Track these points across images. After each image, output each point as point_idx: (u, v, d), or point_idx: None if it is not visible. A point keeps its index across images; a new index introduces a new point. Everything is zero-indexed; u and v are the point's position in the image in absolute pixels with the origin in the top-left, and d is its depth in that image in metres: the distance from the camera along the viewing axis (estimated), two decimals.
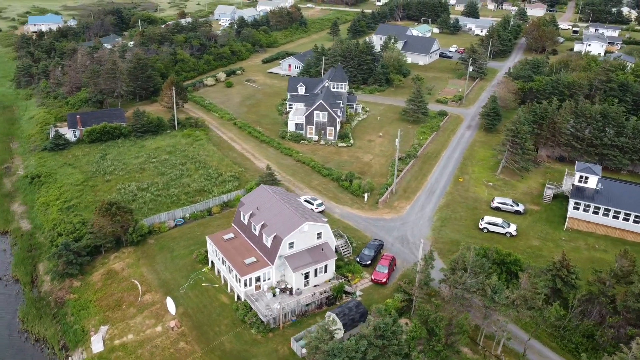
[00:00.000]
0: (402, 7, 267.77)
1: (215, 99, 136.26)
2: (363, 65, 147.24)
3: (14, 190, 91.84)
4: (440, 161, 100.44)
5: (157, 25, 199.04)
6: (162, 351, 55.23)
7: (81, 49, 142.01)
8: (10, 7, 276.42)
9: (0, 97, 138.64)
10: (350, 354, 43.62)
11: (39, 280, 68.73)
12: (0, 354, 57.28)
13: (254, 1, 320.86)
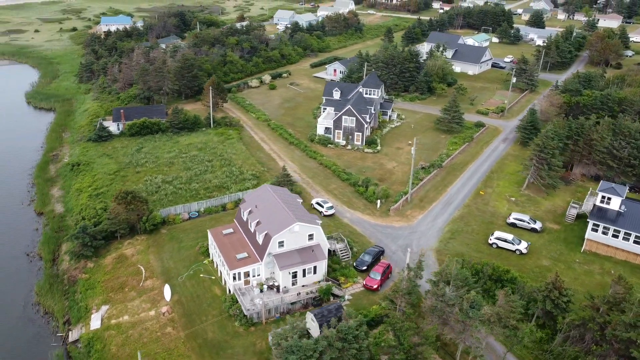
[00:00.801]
0: (462, 15, 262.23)
1: (256, 100, 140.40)
2: (405, 72, 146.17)
3: (56, 176, 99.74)
4: (465, 173, 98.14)
5: (216, 27, 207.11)
6: (150, 334, 58.40)
7: (138, 48, 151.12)
8: (90, 8, 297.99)
9: (64, 91, 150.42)
10: (308, 352, 44.37)
11: (60, 259, 74.51)
12: (12, 322, 62.83)
13: (316, 7, 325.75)
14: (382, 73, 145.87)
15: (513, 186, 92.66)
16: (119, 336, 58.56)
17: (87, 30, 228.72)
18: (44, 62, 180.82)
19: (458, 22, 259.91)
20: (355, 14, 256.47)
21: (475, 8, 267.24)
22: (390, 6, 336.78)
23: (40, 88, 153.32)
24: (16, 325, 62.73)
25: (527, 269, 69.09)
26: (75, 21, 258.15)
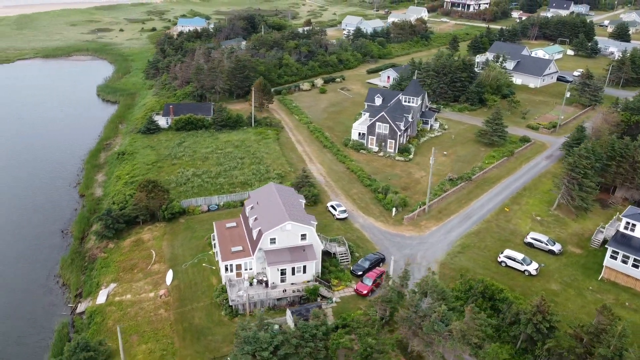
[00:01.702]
0: (538, 25, 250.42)
1: (303, 103, 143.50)
2: (456, 82, 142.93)
3: (104, 163, 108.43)
4: (495, 188, 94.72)
5: (281, 31, 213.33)
6: (145, 313, 62.55)
7: (199, 48, 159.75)
8: (173, 10, 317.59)
9: (130, 86, 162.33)
10: (263, 345, 45.87)
11: (87, 238, 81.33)
12: (34, 290, 69.77)
13: (388, 13, 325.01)
14: (431, 82, 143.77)
15: (543, 205, 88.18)
16: (117, 312, 63.26)
17: (165, 31, 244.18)
18: (120, 58, 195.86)
19: (533, 33, 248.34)
20: (424, 21, 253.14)
21: (553, 18, 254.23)
22: (465, 14, 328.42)
23: (111, 82, 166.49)
24: (36, 292, 69.57)
25: (532, 291, 65.89)
26: (157, 22, 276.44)
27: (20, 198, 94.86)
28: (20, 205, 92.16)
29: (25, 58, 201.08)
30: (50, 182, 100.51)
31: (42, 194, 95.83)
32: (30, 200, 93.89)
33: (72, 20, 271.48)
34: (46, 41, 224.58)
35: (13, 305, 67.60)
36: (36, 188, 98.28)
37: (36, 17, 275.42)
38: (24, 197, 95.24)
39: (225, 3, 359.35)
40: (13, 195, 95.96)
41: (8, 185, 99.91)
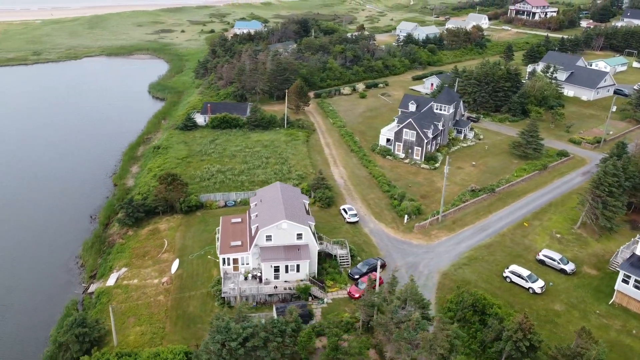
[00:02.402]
0: (604, 35, 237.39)
1: (340, 107, 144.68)
2: (499, 91, 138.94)
3: (141, 156, 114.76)
4: (519, 201, 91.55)
5: (331, 36, 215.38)
6: (146, 298, 66.10)
7: (246, 50, 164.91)
8: (234, 13, 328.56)
9: (180, 84, 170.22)
10: (232, 336, 47.53)
11: (111, 224, 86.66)
12: (54, 269, 75.46)
13: (446, 20, 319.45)
14: (472, 90, 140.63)
15: (566, 223, 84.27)
16: (122, 294, 67.25)
17: (222, 33, 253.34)
18: (175, 58, 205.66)
19: (597, 43, 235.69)
20: (480, 28, 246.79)
21: (621, 29, 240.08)
22: (530, 23, 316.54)
23: (163, 80, 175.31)
24: (56, 271, 75.20)
25: (532, 309, 63.45)
26: (217, 24, 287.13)
27: (59, 183, 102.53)
28: (58, 190, 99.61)
29: (92, 55, 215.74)
30: (90, 170, 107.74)
31: (79, 181, 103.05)
32: (67, 186, 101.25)
33: (139, 21, 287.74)
34: (112, 40, 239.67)
35: (35, 279, 73.50)
36: (75, 175, 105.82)
37: (107, 17, 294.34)
38: (63, 182, 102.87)
39: (285, 7, 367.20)
40: (53, 180, 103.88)
41: (51, 170, 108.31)
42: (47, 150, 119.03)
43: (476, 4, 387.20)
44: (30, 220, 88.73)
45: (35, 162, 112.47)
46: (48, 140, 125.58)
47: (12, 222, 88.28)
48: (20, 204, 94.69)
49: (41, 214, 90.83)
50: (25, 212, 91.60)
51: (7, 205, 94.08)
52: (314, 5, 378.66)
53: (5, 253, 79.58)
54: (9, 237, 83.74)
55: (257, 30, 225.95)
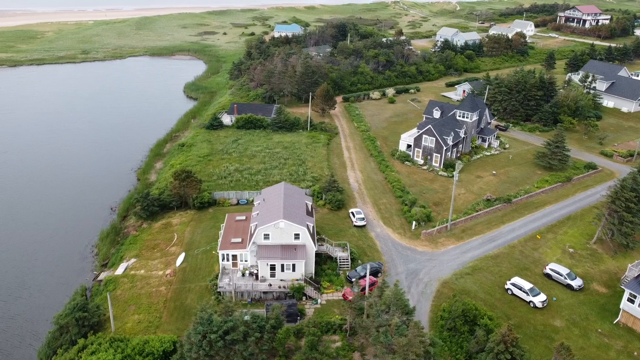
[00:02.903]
0: None
1: (367, 111, 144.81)
2: (530, 100, 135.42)
3: (166, 153, 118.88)
4: (535, 213, 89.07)
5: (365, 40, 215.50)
6: (149, 288, 68.73)
7: (278, 53, 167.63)
8: (277, 16, 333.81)
9: (214, 85, 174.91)
10: (213, 328, 49.00)
11: (129, 217, 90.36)
12: (71, 255, 79.48)
13: (489, 26, 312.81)
14: (503, 98, 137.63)
15: (582, 237, 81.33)
16: (127, 283, 70.19)
17: (263, 36, 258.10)
18: (213, 59, 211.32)
19: None
20: (523, 35, 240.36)
21: None
22: (579, 30, 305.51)
23: (198, 81, 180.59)
24: (72, 258, 79.19)
25: (530, 324, 61.90)
26: (259, 27, 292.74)
27: (88, 175, 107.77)
28: (85, 181, 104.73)
29: (136, 55, 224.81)
30: (117, 164, 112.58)
31: (106, 174, 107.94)
32: (94, 177, 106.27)
33: (185, 23, 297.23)
34: (156, 41, 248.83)
35: (52, 264, 77.74)
36: (103, 168, 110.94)
37: (155, 19, 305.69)
38: (91, 174, 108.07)
39: (328, 11, 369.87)
40: (83, 171, 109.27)
41: (82, 162, 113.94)
42: (81, 143, 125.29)
43: (525, 11, 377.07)
44: (56, 208, 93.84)
45: (69, 154, 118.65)
46: (83, 134, 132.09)
47: (39, 209, 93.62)
48: (48, 192, 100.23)
49: (66, 203, 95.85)
50: (52, 200, 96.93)
51: (36, 193, 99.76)
52: (357, 10, 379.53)
53: (29, 237, 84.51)
54: (34, 223, 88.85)
55: (295, 34, 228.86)
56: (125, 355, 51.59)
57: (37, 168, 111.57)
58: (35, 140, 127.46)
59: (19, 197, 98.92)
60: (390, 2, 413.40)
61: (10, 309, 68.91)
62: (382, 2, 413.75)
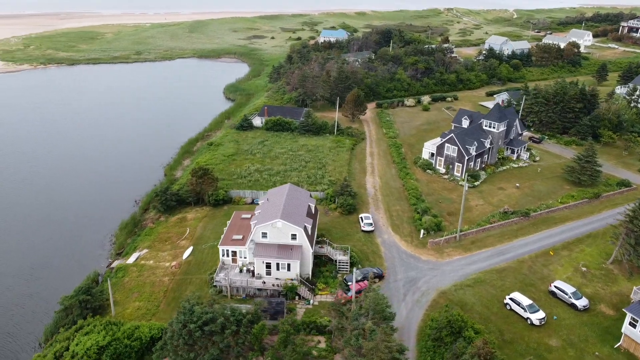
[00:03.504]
0: None
1: (399, 118, 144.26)
2: (568, 112, 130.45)
3: (195, 151, 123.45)
4: (554, 229, 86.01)
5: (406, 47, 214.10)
6: (154, 277, 72.07)
7: (316, 58, 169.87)
8: (326, 22, 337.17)
9: (253, 87, 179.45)
10: (193, 317, 51.11)
11: (150, 209, 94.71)
12: (91, 243, 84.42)
13: (544, 35, 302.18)
14: (539, 109, 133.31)
15: (599, 256, 77.81)
16: (136, 272, 73.87)
17: (308, 41, 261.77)
18: (257, 62, 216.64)
19: None
20: (576, 45, 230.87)
21: None
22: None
23: (239, 83, 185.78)
24: (91, 246, 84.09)
25: (523, 341, 60.16)
26: (307, 32, 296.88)
27: (120, 168, 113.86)
28: (116, 174, 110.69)
29: (184, 57, 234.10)
30: (148, 159, 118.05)
31: (137, 168, 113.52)
32: (125, 171, 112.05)
33: (236, 27, 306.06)
34: (206, 43, 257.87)
35: (73, 249, 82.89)
36: (135, 162, 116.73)
37: (208, 23, 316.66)
38: (123, 167, 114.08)
39: (379, 17, 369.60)
40: (115, 164, 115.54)
41: (116, 155, 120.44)
42: (120, 138, 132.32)
43: (586, 20, 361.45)
44: (87, 196, 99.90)
45: (108, 147, 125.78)
46: (123, 129, 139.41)
47: (73, 196, 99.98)
48: (83, 180, 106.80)
49: (97, 192, 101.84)
50: (85, 188, 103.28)
51: (73, 180, 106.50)
52: (408, 17, 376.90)
53: (55, 224, 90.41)
54: (61, 211, 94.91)
55: (339, 39, 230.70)
56: (114, 338, 54.59)
57: (78, 158, 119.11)
58: (79, 132, 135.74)
59: (58, 182, 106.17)
60: (443, 10, 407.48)
61: (30, 287, 74.18)
62: (434, 9, 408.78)
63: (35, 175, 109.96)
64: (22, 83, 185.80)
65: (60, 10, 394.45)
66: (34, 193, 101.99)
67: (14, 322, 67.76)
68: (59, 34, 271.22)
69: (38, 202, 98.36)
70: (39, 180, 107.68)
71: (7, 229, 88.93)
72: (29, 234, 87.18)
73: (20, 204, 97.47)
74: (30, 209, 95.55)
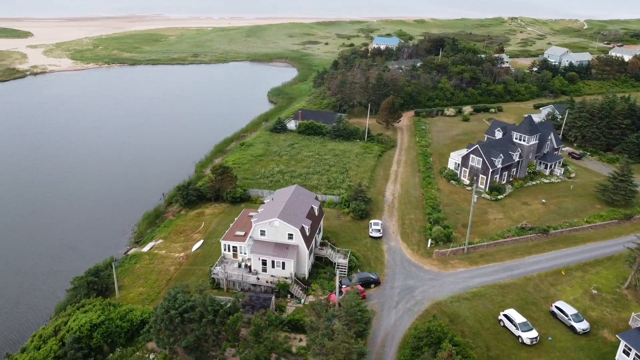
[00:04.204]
0: None
1: (435, 127, 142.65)
2: (614, 128, 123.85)
3: (228, 150, 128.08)
4: (572, 248, 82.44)
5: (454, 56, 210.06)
6: (161, 265, 76.22)
7: (358, 65, 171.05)
8: (383, 29, 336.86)
9: (296, 91, 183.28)
10: (175, 305, 54.06)
11: (173, 203, 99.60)
12: (113, 230, 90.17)
13: (615, 47, 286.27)
14: (582, 124, 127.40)
15: (615, 280, 73.79)
16: (147, 260, 78.41)
17: (360, 47, 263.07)
18: (305, 67, 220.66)
19: None
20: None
21: None
22: None
23: (284, 87, 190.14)
24: (115, 232, 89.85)
25: (509, 359, 58.49)
26: (362, 39, 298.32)
27: (156, 161, 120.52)
28: (151, 166, 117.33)
29: (238, 60, 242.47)
30: (183, 156, 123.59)
31: (171, 163, 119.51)
32: (158, 166, 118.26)
33: (292, 32, 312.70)
34: (260, 47, 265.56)
35: (99, 234, 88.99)
36: (171, 158, 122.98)
37: (266, 27, 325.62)
38: (159, 161, 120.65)
39: (438, 26, 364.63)
40: (152, 158, 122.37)
41: (154, 149, 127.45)
42: (161, 134, 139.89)
43: None
44: (119, 188, 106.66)
45: (148, 141, 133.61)
46: (166, 125, 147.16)
47: (106, 187, 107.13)
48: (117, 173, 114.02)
49: (129, 185, 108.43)
50: (118, 181, 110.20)
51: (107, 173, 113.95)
52: (470, 25, 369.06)
53: (89, 210, 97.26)
54: (98, 198, 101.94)
55: (389, 46, 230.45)
56: (108, 317, 58.64)
57: (120, 150, 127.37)
58: (126, 126, 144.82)
59: (99, 172, 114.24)
60: (507, 19, 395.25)
61: (55, 266, 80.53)
62: (498, 18, 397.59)
63: (82, 164, 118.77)
64: (86, 80, 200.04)
65: (134, 13, 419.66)
66: (78, 181, 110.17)
67: (35, 295, 73.94)
68: (127, 36, 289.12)
69: (80, 189, 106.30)
70: (85, 168, 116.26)
71: (48, 212, 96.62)
72: (66, 218, 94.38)
73: (64, 189, 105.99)
74: (72, 195, 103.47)
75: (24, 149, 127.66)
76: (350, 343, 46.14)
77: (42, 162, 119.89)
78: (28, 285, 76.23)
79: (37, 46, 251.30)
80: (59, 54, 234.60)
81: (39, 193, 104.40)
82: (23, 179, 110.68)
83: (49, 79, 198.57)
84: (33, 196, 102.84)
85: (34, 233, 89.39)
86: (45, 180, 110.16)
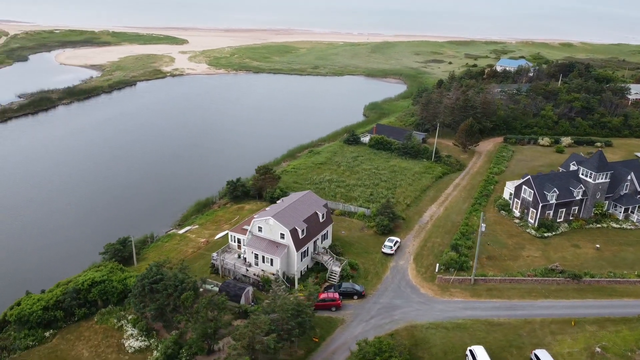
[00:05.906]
0: None
1: (520, 156, 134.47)
2: None
3: (299, 156, 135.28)
4: (598, 300, 73.81)
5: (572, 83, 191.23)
6: (184, 247, 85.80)
7: (457, 86, 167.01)
8: (519, 51, 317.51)
9: (393, 107, 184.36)
10: (148, 275, 62.33)
11: (226, 196, 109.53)
12: (165, 213, 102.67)
13: None
14: None
15: (634, 342, 64.55)
16: (176, 240, 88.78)
17: (485, 68, 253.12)
18: (414, 84, 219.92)
19: None
20: None
21: None
22: None
23: (382, 102, 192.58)
24: (165, 214, 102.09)
25: None
26: (490, 60, 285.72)
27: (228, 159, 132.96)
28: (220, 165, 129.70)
29: (354, 74, 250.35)
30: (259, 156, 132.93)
31: (244, 162, 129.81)
32: (231, 163, 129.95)
33: (419, 50, 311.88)
34: (380, 63, 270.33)
35: (155, 213, 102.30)
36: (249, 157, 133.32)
37: (395, 44, 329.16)
38: (232, 159, 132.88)
39: (587, 50, 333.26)
40: (232, 155, 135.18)
41: (234, 149, 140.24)
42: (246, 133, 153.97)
43: None
44: (192, 177, 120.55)
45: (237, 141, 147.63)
46: (253, 126, 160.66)
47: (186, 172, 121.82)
48: (196, 164, 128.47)
49: (201, 174, 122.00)
50: (195, 171, 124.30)
51: (186, 164, 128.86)
52: (626, 52, 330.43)
53: (158, 193, 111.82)
54: (170, 182, 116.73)
55: (506, 69, 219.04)
56: (108, 279, 69.12)
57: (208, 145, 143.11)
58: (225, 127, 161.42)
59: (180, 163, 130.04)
60: None
61: (109, 235, 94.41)
62: None
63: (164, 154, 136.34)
64: (212, 83, 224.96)
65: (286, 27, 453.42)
66: (159, 166, 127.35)
67: (84, 251, 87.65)
68: (263, 47, 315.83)
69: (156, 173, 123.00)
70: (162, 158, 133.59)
71: (134, 193, 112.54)
72: (138, 198, 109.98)
73: (149, 172, 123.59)
74: (150, 178, 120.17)
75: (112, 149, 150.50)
76: (258, 334, 49.42)
77: (140, 152, 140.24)
78: (83, 244, 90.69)
79: (186, 52, 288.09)
80: (200, 60, 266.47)
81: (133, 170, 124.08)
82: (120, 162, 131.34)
83: (182, 80, 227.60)
84: (126, 173, 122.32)
85: (113, 205, 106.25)
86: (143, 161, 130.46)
